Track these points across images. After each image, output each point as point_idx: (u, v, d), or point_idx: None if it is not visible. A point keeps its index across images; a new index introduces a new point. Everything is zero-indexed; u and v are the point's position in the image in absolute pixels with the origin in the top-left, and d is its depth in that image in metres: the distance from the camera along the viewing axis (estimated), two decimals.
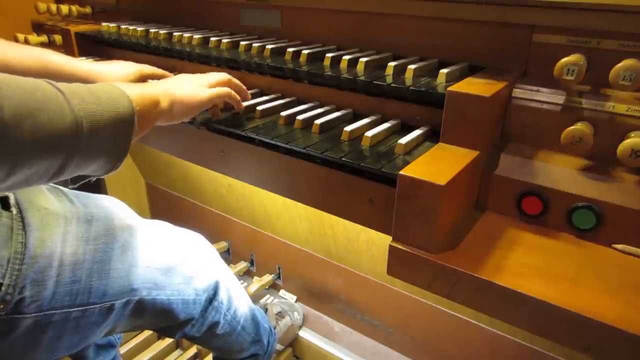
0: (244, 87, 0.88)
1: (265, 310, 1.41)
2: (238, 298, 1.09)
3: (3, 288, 0.65)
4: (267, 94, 0.99)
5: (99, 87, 0.56)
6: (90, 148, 0.52)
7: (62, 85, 0.52)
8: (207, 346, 1.13)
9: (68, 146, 0.50)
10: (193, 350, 1.49)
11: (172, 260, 0.90)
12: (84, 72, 0.86)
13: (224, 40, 1.04)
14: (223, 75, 0.83)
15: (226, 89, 0.81)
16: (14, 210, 0.69)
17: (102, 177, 0.60)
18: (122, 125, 0.56)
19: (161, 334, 1.07)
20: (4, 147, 0.45)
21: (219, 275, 1.02)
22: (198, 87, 0.76)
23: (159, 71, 0.95)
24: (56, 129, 0.48)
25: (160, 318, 0.89)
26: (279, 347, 1.38)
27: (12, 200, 0.69)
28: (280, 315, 1.42)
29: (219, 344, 1.08)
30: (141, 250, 0.84)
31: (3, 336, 0.68)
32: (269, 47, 0.96)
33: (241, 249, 1.68)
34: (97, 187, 1.69)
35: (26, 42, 1.39)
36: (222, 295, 1.02)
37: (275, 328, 1.34)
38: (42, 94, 0.48)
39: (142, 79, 0.92)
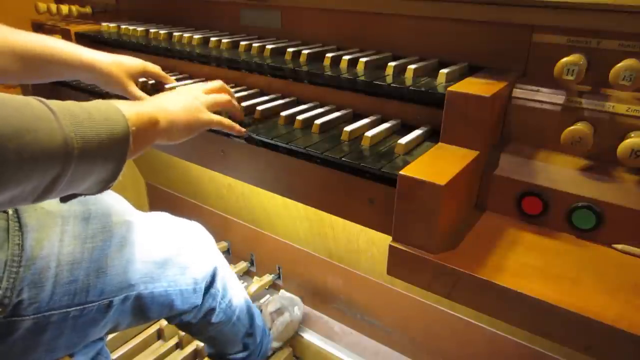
0: (238, 106, 0.86)
1: (260, 311, 1.41)
2: (233, 287, 1.10)
3: (1, 291, 0.64)
4: (267, 94, 0.99)
5: (94, 105, 0.53)
6: (81, 168, 0.50)
7: (53, 103, 0.49)
8: (201, 337, 1.13)
9: (57, 166, 0.48)
10: (193, 350, 1.49)
11: (169, 253, 0.90)
12: (92, 60, 0.84)
13: (224, 40, 1.04)
14: (218, 83, 0.82)
15: (225, 99, 0.79)
16: (10, 211, 0.68)
17: (93, 195, 0.57)
18: (116, 145, 0.53)
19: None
20: None
21: (216, 262, 1.03)
22: (198, 108, 0.73)
23: (162, 73, 0.94)
24: (44, 148, 0.46)
25: (161, 310, 0.89)
26: (278, 345, 1.38)
27: None
28: (278, 311, 1.41)
29: (213, 334, 1.09)
30: (138, 246, 0.84)
31: (2, 338, 0.68)
32: (269, 47, 0.96)
33: (241, 249, 1.67)
34: None
35: None
36: (219, 283, 1.03)
37: (270, 329, 1.34)
38: (31, 112, 0.46)
39: (146, 75, 0.92)
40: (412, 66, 0.78)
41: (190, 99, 0.73)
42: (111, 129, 0.52)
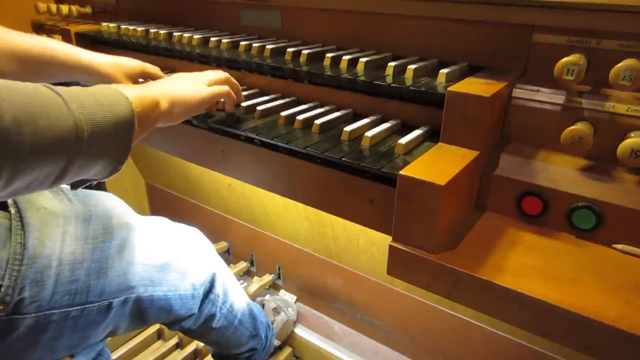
0: (239, 87, 0.88)
1: (262, 306, 1.41)
2: (234, 292, 1.10)
3: (2, 289, 0.65)
4: (267, 94, 0.99)
5: (97, 90, 0.55)
6: (91, 151, 0.52)
7: (60, 89, 0.51)
8: (204, 340, 1.14)
9: (69, 150, 0.49)
10: (193, 349, 1.49)
11: (168, 257, 0.90)
12: (90, 62, 0.85)
13: (224, 40, 1.04)
14: (221, 74, 0.83)
15: (225, 88, 0.80)
16: (12, 210, 0.68)
17: (103, 180, 0.59)
18: (123, 127, 0.55)
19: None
20: (4, 153, 0.44)
21: (215, 268, 1.03)
22: (197, 86, 0.75)
23: (161, 73, 0.94)
24: (57, 133, 0.47)
25: (160, 314, 0.89)
26: (276, 343, 1.39)
27: (10, 200, 0.69)
28: (275, 310, 1.42)
29: (216, 338, 1.09)
30: (138, 248, 0.84)
31: (3, 336, 0.68)
32: (269, 47, 0.96)
33: (241, 249, 1.67)
34: (97, 187, 1.69)
35: None
36: (218, 289, 1.02)
37: (272, 323, 1.35)
38: (42, 99, 0.48)
39: (144, 76, 0.92)
40: (412, 66, 0.78)
41: (188, 79, 0.76)
42: (116, 112, 0.54)
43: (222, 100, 0.83)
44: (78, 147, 0.50)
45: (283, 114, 0.85)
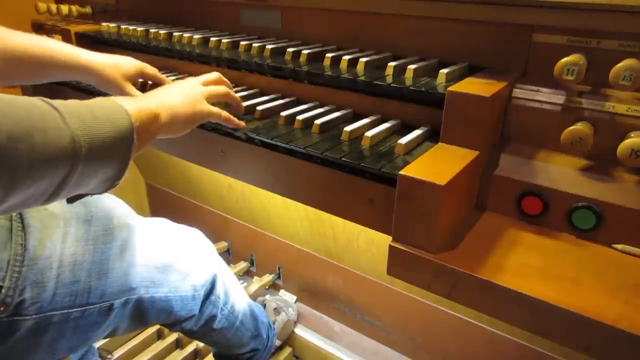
0: (241, 102, 0.87)
1: (264, 306, 1.41)
2: (235, 293, 1.10)
3: (3, 291, 0.65)
4: (267, 94, 0.99)
5: (96, 103, 0.54)
6: (89, 166, 0.50)
7: (58, 102, 0.50)
8: (205, 341, 1.14)
9: (66, 166, 0.48)
10: (193, 349, 1.49)
11: (169, 258, 0.90)
12: (90, 62, 0.84)
13: (224, 40, 1.04)
14: (220, 85, 0.81)
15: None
16: None
17: (100, 194, 0.58)
18: (121, 141, 0.53)
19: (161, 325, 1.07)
20: (0, 169, 0.42)
21: (216, 269, 1.03)
22: (197, 99, 0.73)
23: (159, 75, 0.94)
24: (54, 148, 0.46)
25: (160, 315, 0.90)
26: (276, 343, 1.39)
27: None
28: (276, 310, 1.42)
29: (217, 339, 1.09)
30: (139, 249, 0.84)
31: (4, 338, 0.68)
32: (269, 47, 0.96)
33: (241, 249, 1.67)
34: None
35: None
36: (219, 290, 1.02)
37: (274, 323, 1.35)
38: (39, 113, 0.46)
39: (144, 76, 0.92)
40: (412, 66, 0.78)
41: (188, 91, 0.73)
42: (115, 126, 0.53)
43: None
44: (75, 162, 0.48)
45: (283, 114, 0.85)
